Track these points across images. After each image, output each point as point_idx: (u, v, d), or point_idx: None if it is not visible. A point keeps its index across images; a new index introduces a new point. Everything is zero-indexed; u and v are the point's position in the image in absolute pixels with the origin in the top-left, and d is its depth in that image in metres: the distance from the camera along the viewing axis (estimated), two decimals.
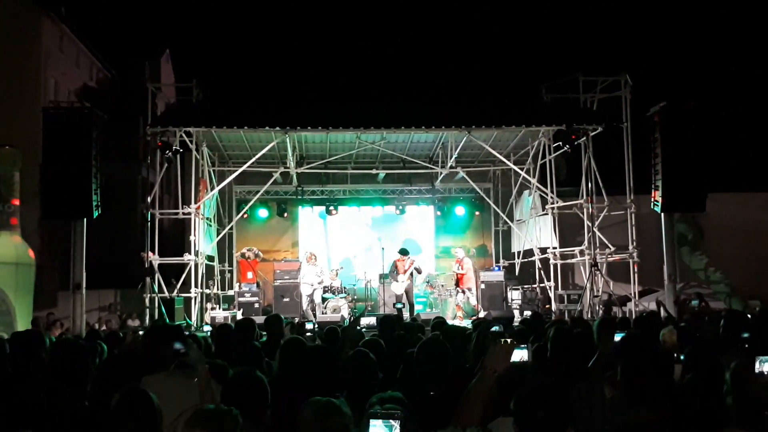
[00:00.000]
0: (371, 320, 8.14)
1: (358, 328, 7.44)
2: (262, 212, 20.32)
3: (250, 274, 17.77)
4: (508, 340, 3.50)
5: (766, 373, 3.81)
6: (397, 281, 15.99)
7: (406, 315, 15.29)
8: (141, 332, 8.16)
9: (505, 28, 53.01)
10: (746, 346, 4.87)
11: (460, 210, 20.67)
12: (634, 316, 14.20)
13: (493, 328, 6.41)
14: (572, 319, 10.97)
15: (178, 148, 15.04)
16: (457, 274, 16.83)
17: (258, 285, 16.96)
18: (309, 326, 9.28)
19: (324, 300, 16.75)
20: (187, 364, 4.04)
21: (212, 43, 58.10)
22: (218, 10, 61.43)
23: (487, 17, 55.43)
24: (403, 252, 16.33)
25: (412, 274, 16.08)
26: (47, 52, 24.78)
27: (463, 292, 16.67)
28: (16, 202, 12.55)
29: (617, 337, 4.76)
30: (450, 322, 11.89)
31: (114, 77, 30.87)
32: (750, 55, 37.46)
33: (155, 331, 4.52)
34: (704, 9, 43.42)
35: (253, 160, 16.14)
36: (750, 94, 32.33)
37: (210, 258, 17.80)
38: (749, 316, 7.28)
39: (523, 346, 4.10)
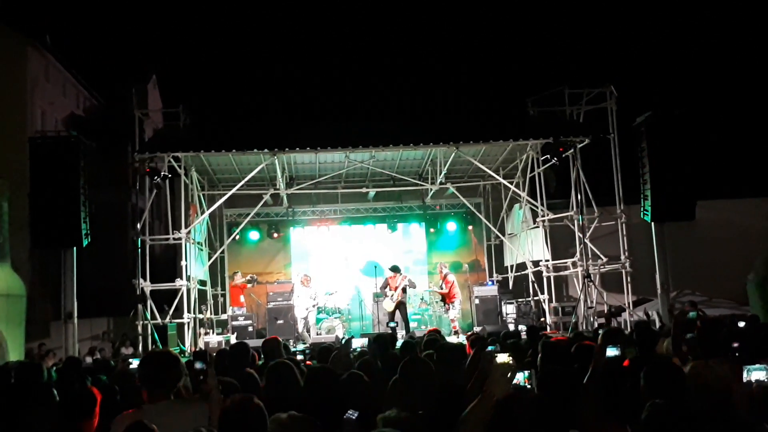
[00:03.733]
0: (363, 342, 8.09)
1: (350, 349, 7.39)
2: (254, 234, 20.24)
3: (242, 298, 17.71)
4: (509, 361, 3.44)
5: (754, 382, 3.79)
6: (388, 298, 15.93)
7: (402, 333, 15.25)
8: (131, 360, 8.04)
9: (489, 44, 53.38)
10: (737, 354, 4.86)
11: (451, 225, 20.66)
12: (629, 327, 14.22)
13: (489, 348, 6.34)
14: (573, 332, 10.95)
15: (166, 173, 15.04)
16: (442, 294, 16.76)
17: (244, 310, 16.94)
18: (301, 347, 9.26)
19: (318, 321, 16.71)
20: (189, 392, 4.01)
21: (198, 68, 58.28)
22: (203, 34, 61.68)
23: (472, 33, 55.84)
24: (394, 269, 16.28)
25: (404, 289, 16.01)
26: (33, 81, 24.78)
27: (453, 306, 16.59)
28: None
29: (610, 351, 4.72)
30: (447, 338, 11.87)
31: (101, 105, 30.87)
32: (735, 62, 37.80)
33: (152, 358, 4.45)
34: (687, 19, 43.86)
35: (243, 182, 16.12)
36: (736, 100, 32.59)
37: (202, 282, 17.71)
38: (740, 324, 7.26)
39: (527, 372, 4.02)
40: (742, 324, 9.47)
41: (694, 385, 3.80)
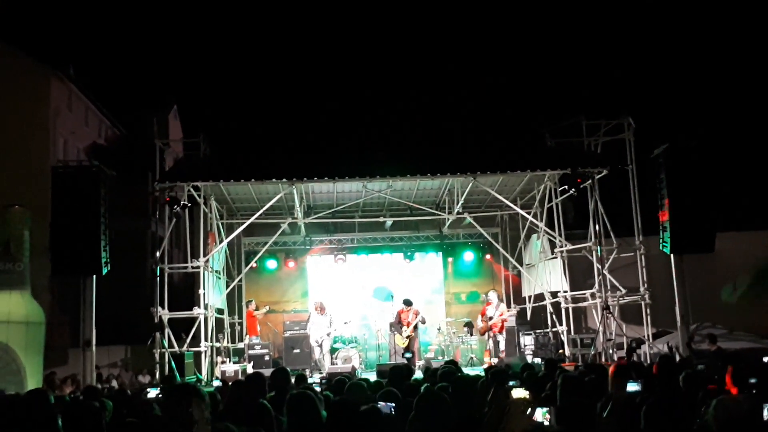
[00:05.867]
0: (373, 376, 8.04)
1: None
2: (271, 263, 20.31)
3: (258, 327, 17.71)
4: (526, 397, 3.40)
5: None
6: (400, 334, 15.92)
7: (420, 363, 15.24)
8: (148, 389, 8.02)
9: (507, 75, 53.59)
10: (753, 391, 4.78)
11: (468, 255, 20.60)
12: (649, 359, 14.06)
13: (511, 383, 6.28)
14: (585, 364, 10.85)
15: (186, 202, 15.16)
16: (500, 321, 16.36)
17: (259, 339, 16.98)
18: (317, 377, 9.21)
19: (334, 351, 16.63)
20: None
21: (219, 97, 58.94)
22: (223, 64, 62.46)
23: (490, 63, 56.12)
24: (407, 302, 16.23)
25: (416, 327, 15.98)
26: (56, 111, 25.14)
27: (495, 337, 16.37)
28: None
29: (631, 386, 4.67)
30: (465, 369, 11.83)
31: (122, 134, 31.23)
32: (753, 92, 37.66)
33: (173, 394, 4.45)
34: (705, 50, 43.86)
35: (261, 211, 16.22)
36: (755, 131, 32.42)
37: (220, 311, 17.74)
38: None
39: (545, 409, 3.97)
40: (767, 359, 9.30)
41: (720, 420, 3.75)
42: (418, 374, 10.61)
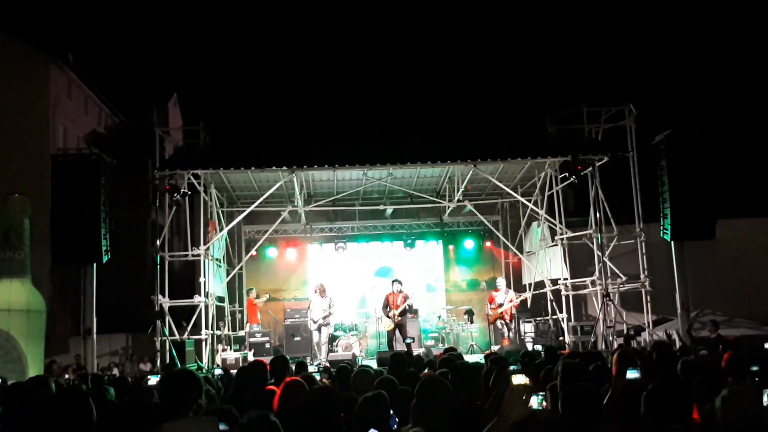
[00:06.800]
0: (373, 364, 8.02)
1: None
2: (271, 251, 20.31)
3: (259, 315, 17.72)
4: (525, 383, 3.40)
5: None
6: (388, 317, 15.69)
7: (419, 350, 15.18)
8: (149, 376, 8.04)
9: (508, 62, 53.42)
10: (756, 379, 4.78)
11: (469, 243, 20.60)
12: (648, 347, 14.08)
13: (511, 367, 6.27)
14: (586, 351, 10.87)
15: (186, 190, 15.13)
16: (510, 308, 16.39)
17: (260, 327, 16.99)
18: (316, 364, 9.20)
19: (335, 338, 16.58)
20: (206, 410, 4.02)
21: (218, 85, 58.80)
22: (224, 53, 62.26)
23: (491, 51, 55.92)
24: (398, 283, 15.99)
25: (404, 312, 15.73)
26: (56, 99, 25.08)
27: (509, 325, 16.37)
28: None
29: (630, 374, 4.66)
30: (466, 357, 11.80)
31: (122, 122, 31.17)
32: (755, 79, 37.55)
33: (172, 378, 4.46)
34: (705, 37, 43.70)
35: (261, 199, 16.20)
36: (756, 117, 32.35)
37: (220, 299, 17.75)
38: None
39: (540, 394, 3.98)
40: None
41: (728, 410, 3.73)
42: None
